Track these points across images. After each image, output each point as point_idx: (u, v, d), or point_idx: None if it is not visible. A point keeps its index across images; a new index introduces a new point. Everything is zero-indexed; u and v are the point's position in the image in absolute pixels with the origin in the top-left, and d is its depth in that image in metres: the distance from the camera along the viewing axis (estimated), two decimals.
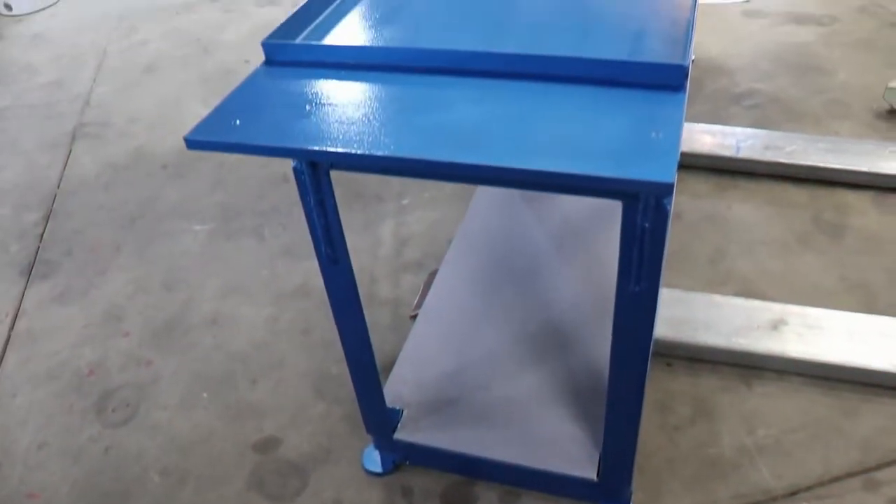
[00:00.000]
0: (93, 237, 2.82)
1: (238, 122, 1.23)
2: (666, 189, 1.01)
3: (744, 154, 2.71)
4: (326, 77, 1.32)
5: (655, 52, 1.33)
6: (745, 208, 2.60)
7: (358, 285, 1.50)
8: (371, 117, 1.19)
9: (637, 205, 1.14)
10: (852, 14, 3.79)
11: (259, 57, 1.41)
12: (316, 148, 1.14)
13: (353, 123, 1.18)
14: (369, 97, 1.25)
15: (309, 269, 2.52)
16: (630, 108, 1.16)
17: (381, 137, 1.13)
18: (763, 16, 3.87)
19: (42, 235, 2.86)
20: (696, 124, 2.87)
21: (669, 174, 1.00)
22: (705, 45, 3.60)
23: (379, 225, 2.69)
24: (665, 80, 1.19)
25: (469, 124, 1.15)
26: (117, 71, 4.00)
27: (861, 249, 2.40)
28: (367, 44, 1.46)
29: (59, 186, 3.14)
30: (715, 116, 3.07)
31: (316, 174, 1.28)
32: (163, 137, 3.34)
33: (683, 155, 2.67)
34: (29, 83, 4.02)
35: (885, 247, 2.41)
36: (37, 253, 2.78)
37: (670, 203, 1.13)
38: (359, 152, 1.11)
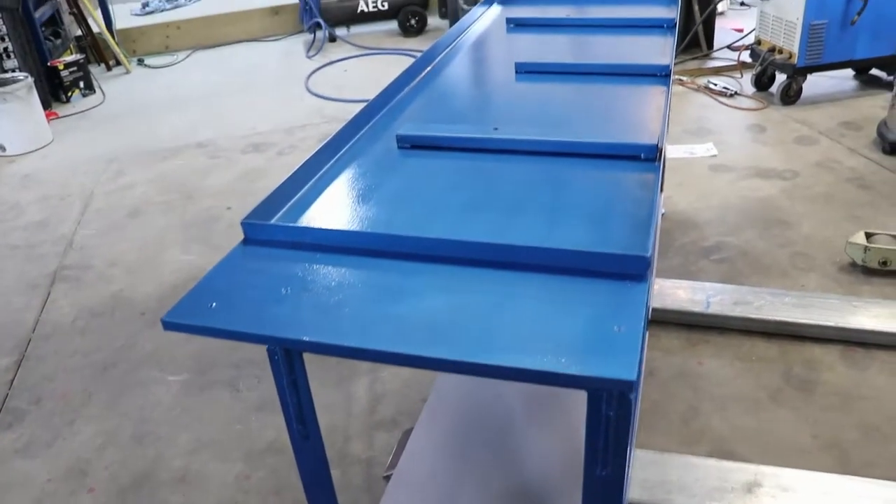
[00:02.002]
0: (64, 385, 2.79)
1: (214, 304, 1.26)
2: (627, 386, 1.03)
3: (714, 309, 2.78)
4: (301, 260, 1.36)
5: (619, 241, 1.38)
6: (716, 364, 2.64)
7: (331, 443, 1.50)
8: (343, 305, 1.22)
9: (602, 395, 1.16)
10: (811, 169, 3.99)
11: (241, 204, 1.46)
12: (289, 337, 1.17)
13: (325, 311, 1.21)
14: (342, 283, 1.29)
15: (282, 425, 2.46)
16: (594, 300, 1.20)
17: (352, 328, 1.17)
18: (729, 170, 4.05)
19: (12, 382, 2.83)
20: (666, 280, 2.94)
21: (632, 372, 1.03)
22: (675, 199, 3.75)
23: (353, 381, 2.68)
24: (628, 269, 1.25)
25: (437, 315, 1.18)
26: (102, 213, 4.09)
27: (832, 406, 2.43)
28: (341, 227, 1.50)
29: (34, 330, 3.13)
30: (685, 271, 3.15)
31: (289, 357, 1.31)
32: (142, 283, 3.37)
33: (655, 311, 2.72)
34: (14, 223, 4.08)
35: (854, 403, 2.43)
36: (4, 400, 2.74)
37: (635, 396, 1.16)
38: (330, 343, 1.14)
